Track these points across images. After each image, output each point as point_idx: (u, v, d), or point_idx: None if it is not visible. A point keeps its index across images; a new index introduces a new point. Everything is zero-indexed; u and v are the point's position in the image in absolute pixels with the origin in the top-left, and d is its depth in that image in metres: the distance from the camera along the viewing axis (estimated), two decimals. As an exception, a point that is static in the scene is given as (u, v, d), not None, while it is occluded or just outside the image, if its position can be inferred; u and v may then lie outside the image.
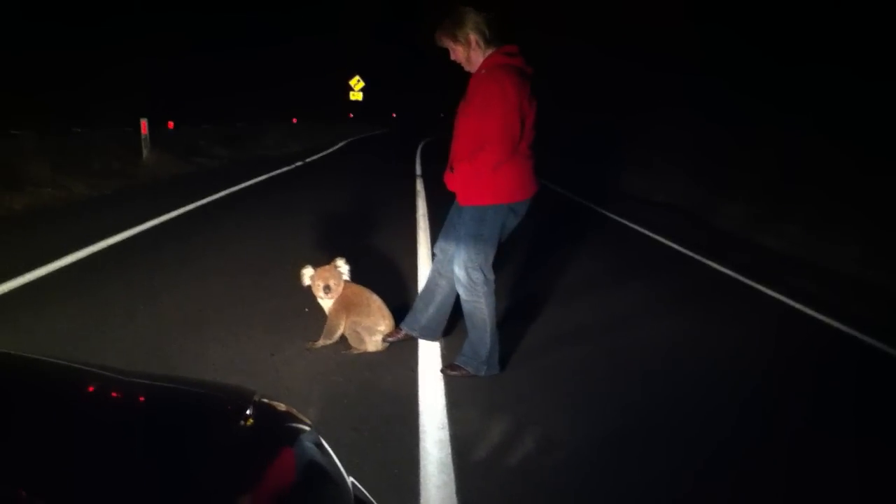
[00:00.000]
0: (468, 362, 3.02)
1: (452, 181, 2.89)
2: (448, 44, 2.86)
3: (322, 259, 3.37)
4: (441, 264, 3.14)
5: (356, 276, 3.30)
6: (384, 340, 3.23)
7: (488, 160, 2.71)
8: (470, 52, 2.82)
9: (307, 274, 3.18)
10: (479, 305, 2.94)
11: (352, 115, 38.94)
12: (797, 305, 4.72)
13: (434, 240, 3.26)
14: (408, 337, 3.28)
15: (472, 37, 2.78)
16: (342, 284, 3.19)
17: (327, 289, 3.13)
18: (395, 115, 61.20)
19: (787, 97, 9.14)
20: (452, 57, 2.90)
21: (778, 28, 9.81)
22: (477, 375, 2.98)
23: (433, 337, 3.30)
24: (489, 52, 2.80)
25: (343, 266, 3.20)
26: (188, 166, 11.75)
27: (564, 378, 3.09)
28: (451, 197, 3.01)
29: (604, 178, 12.82)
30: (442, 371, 3.05)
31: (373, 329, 3.18)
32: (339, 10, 42.58)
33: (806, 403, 3.03)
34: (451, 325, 3.37)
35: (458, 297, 3.05)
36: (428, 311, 3.24)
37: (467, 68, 2.90)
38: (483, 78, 2.74)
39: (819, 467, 2.44)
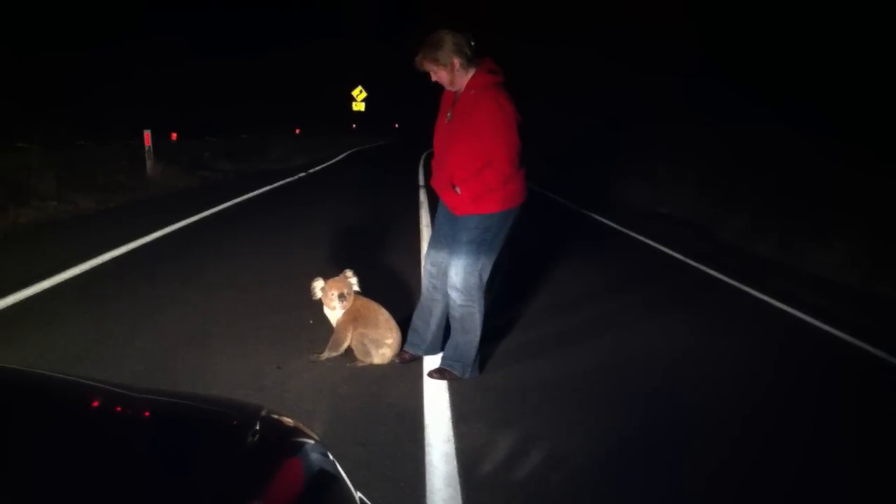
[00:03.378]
0: (454, 365, 3.07)
1: (457, 199, 2.92)
2: (430, 67, 2.88)
3: (330, 272, 3.37)
4: (435, 279, 3.15)
5: (361, 289, 3.29)
6: (398, 360, 3.23)
7: (497, 177, 2.79)
8: (454, 73, 2.85)
9: (318, 286, 3.17)
10: (473, 310, 2.98)
11: (354, 126, 39.13)
12: (802, 315, 4.68)
13: None
14: (415, 358, 3.29)
15: (456, 60, 2.81)
16: (353, 295, 3.19)
17: (342, 297, 3.12)
18: (396, 126, 61.36)
19: (791, 99, 9.11)
20: (434, 79, 2.94)
21: (781, 27, 9.79)
22: (462, 378, 3.05)
23: (437, 351, 3.31)
24: (471, 70, 2.85)
25: (353, 278, 3.21)
26: (192, 179, 11.77)
27: (570, 391, 3.07)
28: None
29: (603, 185, 12.80)
30: (429, 375, 3.09)
31: (380, 342, 3.17)
32: (340, 9, 43.09)
33: (810, 417, 3.00)
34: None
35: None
36: (430, 327, 3.25)
37: (451, 89, 2.95)
38: (475, 99, 2.81)
39: (824, 483, 2.41)
